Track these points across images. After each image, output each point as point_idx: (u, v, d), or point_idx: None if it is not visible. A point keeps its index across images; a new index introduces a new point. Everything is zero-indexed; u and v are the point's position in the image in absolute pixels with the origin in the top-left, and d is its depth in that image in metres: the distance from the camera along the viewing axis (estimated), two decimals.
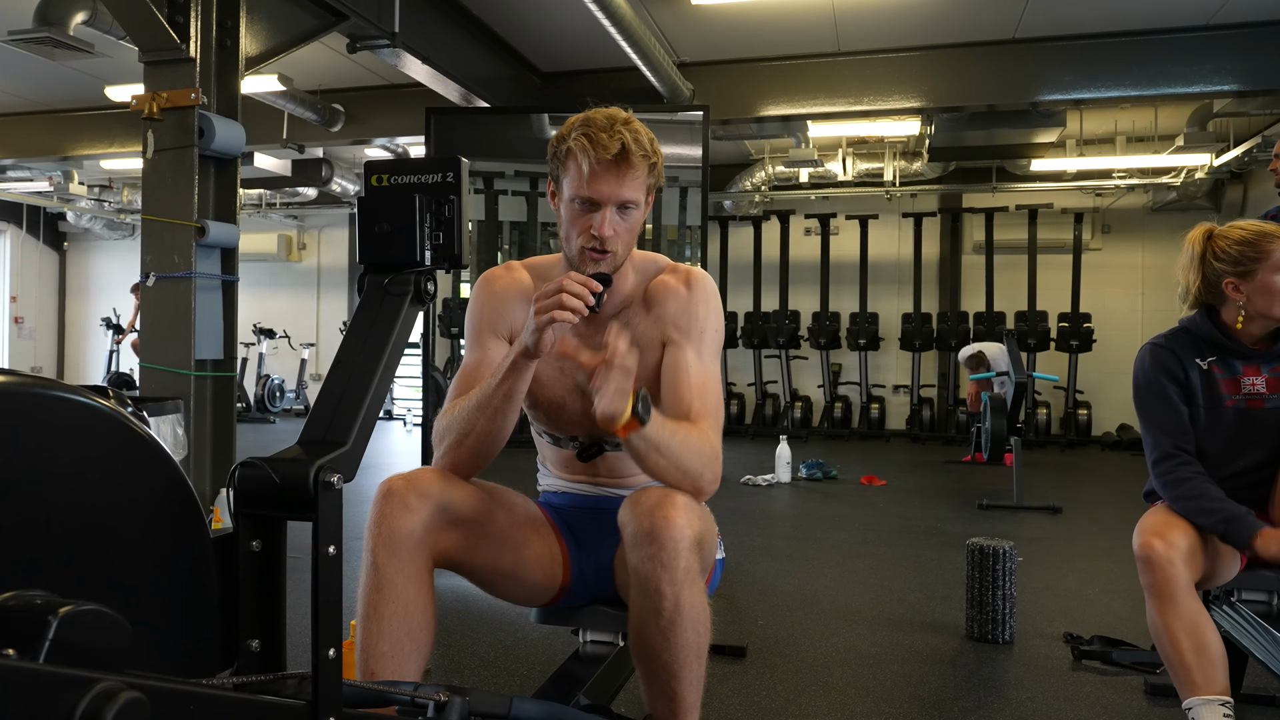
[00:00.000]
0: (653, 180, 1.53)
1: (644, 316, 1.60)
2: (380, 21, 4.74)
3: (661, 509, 1.33)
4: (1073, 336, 8.86)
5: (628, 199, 1.49)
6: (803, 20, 5.77)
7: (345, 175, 9.46)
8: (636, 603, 1.37)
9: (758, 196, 9.54)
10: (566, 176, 1.51)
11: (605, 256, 1.50)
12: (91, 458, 0.94)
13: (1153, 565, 1.80)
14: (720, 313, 1.63)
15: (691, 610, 1.34)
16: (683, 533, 1.32)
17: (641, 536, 1.33)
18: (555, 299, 1.36)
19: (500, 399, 1.45)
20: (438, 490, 1.44)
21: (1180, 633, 1.77)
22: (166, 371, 3.57)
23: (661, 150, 1.54)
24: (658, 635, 1.35)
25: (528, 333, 1.40)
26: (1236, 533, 1.82)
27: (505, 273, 1.68)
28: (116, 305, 11.53)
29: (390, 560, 1.38)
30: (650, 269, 1.65)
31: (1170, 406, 1.98)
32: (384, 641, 1.37)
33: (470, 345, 1.65)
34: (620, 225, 1.50)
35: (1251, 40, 5.71)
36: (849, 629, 2.85)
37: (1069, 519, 4.88)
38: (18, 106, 7.79)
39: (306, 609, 1.05)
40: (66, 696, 0.71)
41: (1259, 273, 1.93)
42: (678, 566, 1.32)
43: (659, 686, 1.39)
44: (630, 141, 1.46)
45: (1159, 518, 1.91)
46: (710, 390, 1.54)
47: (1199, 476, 1.92)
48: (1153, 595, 1.81)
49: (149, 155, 3.62)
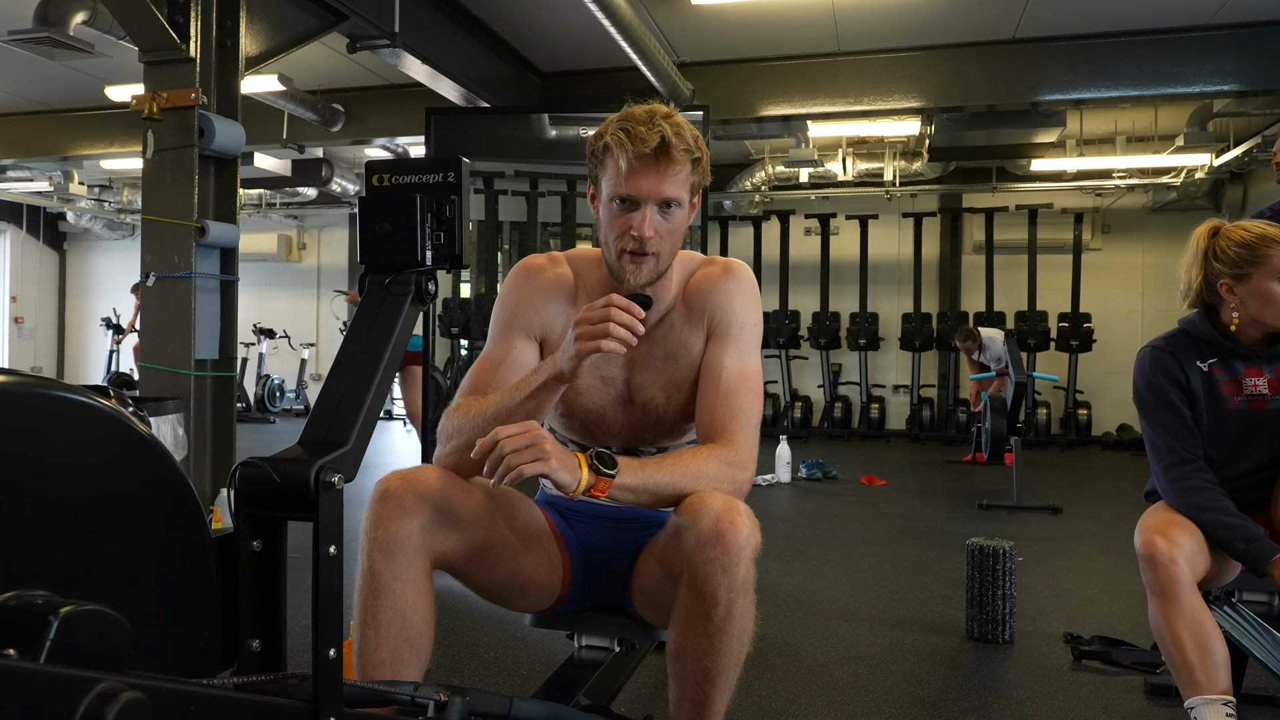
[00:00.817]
0: (697, 178, 1.45)
1: (685, 320, 1.54)
2: (380, 21, 4.74)
3: (729, 515, 1.30)
4: (1073, 336, 8.86)
5: (669, 196, 1.41)
6: (803, 20, 5.77)
7: (345, 175, 9.46)
8: (686, 604, 1.33)
9: (758, 196, 9.54)
10: (604, 175, 1.44)
11: (646, 260, 1.42)
12: (92, 458, 0.94)
13: (1156, 564, 1.79)
14: (759, 304, 1.57)
15: (741, 619, 1.32)
16: (748, 541, 1.30)
17: (706, 539, 1.29)
18: (601, 327, 1.29)
19: (523, 417, 1.38)
20: (437, 491, 1.39)
21: (1183, 632, 1.75)
22: (166, 371, 3.57)
23: (707, 149, 1.46)
24: (703, 639, 1.32)
25: (565, 358, 1.34)
26: (1255, 553, 1.81)
27: (549, 265, 1.59)
28: (116, 305, 11.53)
29: (387, 565, 1.34)
30: (689, 267, 1.58)
31: (1174, 410, 1.96)
32: (382, 649, 1.34)
33: (495, 336, 1.56)
34: (662, 226, 1.42)
35: (1251, 40, 5.71)
36: (849, 629, 2.85)
37: (1069, 519, 4.88)
38: (18, 106, 7.79)
39: (307, 609, 1.05)
40: (67, 697, 0.71)
41: (1254, 277, 1.91)
42: (738, 573, 1.29)
43: (691, 689, 1.36)
44: (671, 135, 1.38)
45: (1161, 516, 1.90)
46: (744, 391, 1.48)
47: (1214, 487, 1.90)
48: (1155, 594, 1.80)
49: (149, 155, 3.62)
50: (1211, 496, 1.88)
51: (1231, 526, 1.84)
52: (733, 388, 1.48)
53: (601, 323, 1.30)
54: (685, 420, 1.56)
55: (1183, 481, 1.92)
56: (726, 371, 1.49)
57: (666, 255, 1.46)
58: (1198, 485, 1.90)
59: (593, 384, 1.54)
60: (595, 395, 1.55)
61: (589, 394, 1.55)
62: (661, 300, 1.53)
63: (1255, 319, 1.93)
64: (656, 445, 1.58)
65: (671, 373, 1.53)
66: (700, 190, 1.49)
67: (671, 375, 1.53)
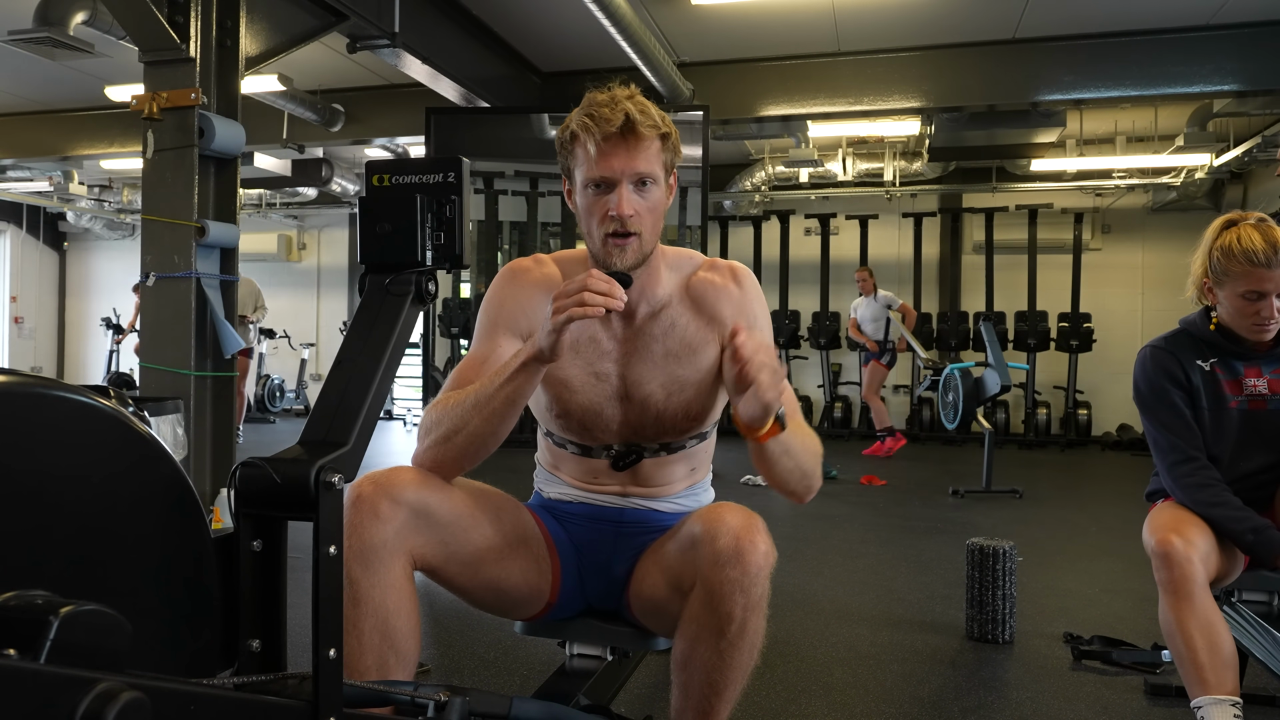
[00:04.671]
0: (669, 155, 1.44)
1: (691, 317, 1.52)
2: (380, 21, 4.74)
3: (749, 533, 1.30)
4: (1073, 336, 8.86)
5: (642, 172, 1.39)
6: (803, 20, 5.77)
7: (345, 175, 9.47)
8: (698, 618, 1.33)
9: (758, 196, 9.54)
10: (576, 164, 1.43)
11: (629, 240, 1.40)
12: (92, 458, 0.94)
13: (1171, 562, 1.76)
14: (766, 304, 1.57)
15: (754, 635, 1.33)
16: (766, 560, 1.30)
17: (727, 557, 1.28)
18: (577, 297, 1.27)
19: (502, 401, 1.35)
20: (413, 493, 1.35)
21: (1195, 631, 1.74)
22: (166, 371, 3.57)
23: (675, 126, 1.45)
24: (714, 654, 1.32)
25: (543, 334, 1.31)
26: (1265, 545, 1.81)
27: (534, 265, 1.58)
28: (116, 305, 11.52)
29: (364, 574, 1.31)
30: (686, 265, 1.55)
31: (1175, 410, 1.96)
32: (365, 657, 1.32)
33: (481, 337, 1.54)
34: (640, 204, 1.40)
35: (1251, 40, 5.72)
36: (849, 629, 2.85)
37: (1070, 519, 4.88)
38: (18, 106, 7.79)
39: (307, 609, 1.05)
40: (68, 696, 0.71)
41: (1226, 286, 1.93)
42: (755, 592, 1.30)
43: (697, 700, 1.36)
44: (635, 112, 1.37)
45: (1174, 514, 1.88)
46: (786, 387, 1.46)
47: (1218, 484, 1.90)
48: (1169, 592, 1.77)
49: (149, 155, 3.62)
50: (1217, 492, 1.88)
51: (1239, 519, 1.84)
52: None
53: (578, 293, 1.28)
54: (687, 419, 1.53)
55: (1188, 479, 1.91)
56: None
57: (649, 235, 1.43)
58: (1203, 481, 1.90)
59: (586, 380, 1.51)
60: (590, 392, 1.51)
61: (583, 391, 1.51)
62: (652, 292, 1.50)
63: (1230, 325, 1.96)
64: (659, 442, 1.55)
65: (673, 370, 1.51)
66: (674, 169, 1.48)
67: (673, 372, 1.51)
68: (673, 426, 1.53)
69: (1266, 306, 1.89)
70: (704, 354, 1.51)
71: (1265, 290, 1.88)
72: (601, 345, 1.51)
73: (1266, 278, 1.87)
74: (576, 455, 1.58)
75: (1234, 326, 1.95)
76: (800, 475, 1.41)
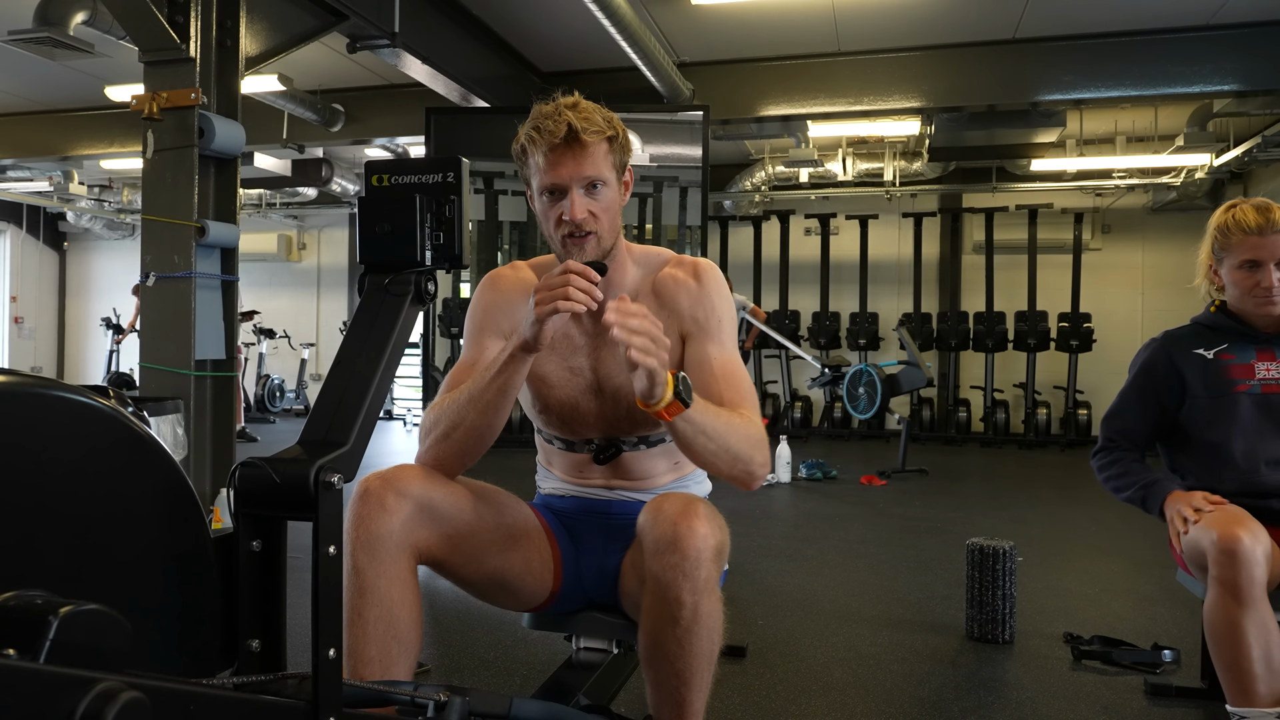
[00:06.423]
0: (618, 156, 1.50)
1: (654, 311, 1.55)
2: (380, 21, 4.74)
3: (686, 518, 1.31)
4: (1072, 336, 8.86)
5: (590, 176, 1.45)
6: (803, 20, 5.77)
7: (345, 175, 9.46)
8: (653, 609, 1.34)
9: (758, 196, 9.54)
10: (531, 174, 1.49)
11: (586, 239, 1.46)
12: (92, 457, 0.94)
13: (1239, 560, 1.65)
14: (731, 300, 1.60)
15: (709, 619, 1.33)
16: (705, 542, 1.30)
17: (664, 544, 1.30)
18: (559, 291, 1.33)
19: (494, 393, 1.41)
20: (418, 488, 1.40)
21: (1252, 638, 1.64)
22: (166, 371, 3.57)
23: (624, 126, 1.51)
24: (673, 643, 1.33)
25: (527, 325, 1.38)
26: (1153, 497, 1.88)
27: (511, 272, 1.66)
28: (116, 305, 11.53)
29: (370, 564, 1.35)
30: (654, 262, 1.62)
31: (1144, 400, 2.04)
32: (370, 647, 1.34)
33: (469, 342, 1.62)
34: (593, 205, 1.46)
35: (1251, 40, 5.72)
36: (849, 629, 2.85)
37: (1070, 519, 4.88)
38: (18, 106, 7.79)
39: (306, 609, 1.05)
40: (67, 696, 0.71)
41: (1225, 262, 1.96)
42: (699, 576, 1.30)
43: (668, 692, 1.37)
44: (577, 121, 1.43)
45: (1231, 512, 1.77)
46: (740, 377, 1.51)
47: (1127, 457, 2.01)
48: (1229, 592, 1.66)
49: (149, 155, 3.62)
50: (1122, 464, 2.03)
51: (1134, 482, 1.93)
52: (730, 374, 1.51)
53: (560, 287, 1.33)
54: None
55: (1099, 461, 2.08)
56: (716, 361, 1.52)
57: (606, 233, 1.49)
58: (1112, 459, 2.05)
59: (562, 375, 1.57)
60: (566, 387, 1.58)
61: (561, 386, 1.58)
62: (619, 285, 1.56)
63: (1234, 304, 1.97)
64: (636, 435, 1.59)
65: None
66: (627, 167, 1.53)
67: None
68: (645, 419, 1.55)
69: (1265, 275, 1.89)
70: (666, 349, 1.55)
71: (1260, 258, 1.89)
72: (574, 340, 1.58)
73: (1260, 245, 1.89)
74: (563, 450, 1.66)
75: (1240, 306, 1.95)
76: (730, 458, 1.40)
